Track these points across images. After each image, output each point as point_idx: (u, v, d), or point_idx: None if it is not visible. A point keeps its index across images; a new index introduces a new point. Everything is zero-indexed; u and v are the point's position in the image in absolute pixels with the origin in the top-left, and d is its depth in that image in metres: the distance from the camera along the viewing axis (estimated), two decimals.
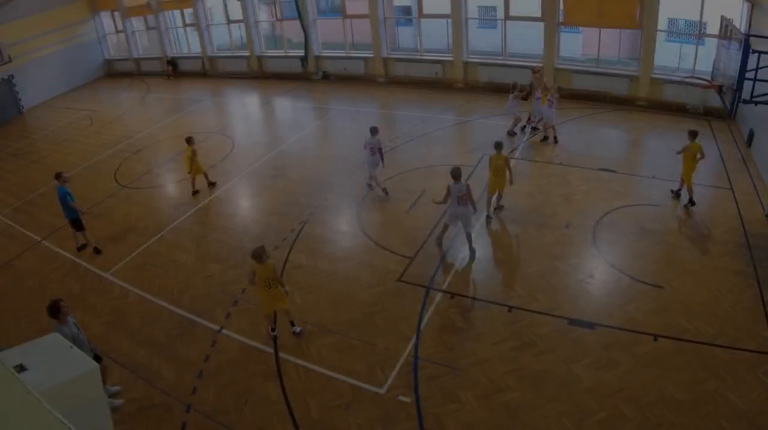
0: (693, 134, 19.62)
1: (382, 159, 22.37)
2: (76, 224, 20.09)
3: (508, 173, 19.60)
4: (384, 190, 22.41)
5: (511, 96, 26.10)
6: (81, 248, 20.50)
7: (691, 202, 20.03)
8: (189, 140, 23.81)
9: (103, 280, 18.63)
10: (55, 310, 12.41)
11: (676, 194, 20.69)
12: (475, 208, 17.95)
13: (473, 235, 18.17)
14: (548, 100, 25.63)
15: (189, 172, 24.01)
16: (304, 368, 14.07)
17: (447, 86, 36.92)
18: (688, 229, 18.90)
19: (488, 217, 20.23)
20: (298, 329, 15.35)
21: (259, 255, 14.24)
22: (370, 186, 22.80)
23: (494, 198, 20.39)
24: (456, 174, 17.15)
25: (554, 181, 22.33)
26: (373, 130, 22.06)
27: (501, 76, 34.42)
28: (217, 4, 45.08)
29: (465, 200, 17.24)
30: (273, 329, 15.36)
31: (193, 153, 23.66)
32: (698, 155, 19.58)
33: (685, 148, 19.75)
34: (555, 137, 26.15)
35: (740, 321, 14.52)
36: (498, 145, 19.64)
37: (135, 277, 18.54)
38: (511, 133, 27.09)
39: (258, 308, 15.62)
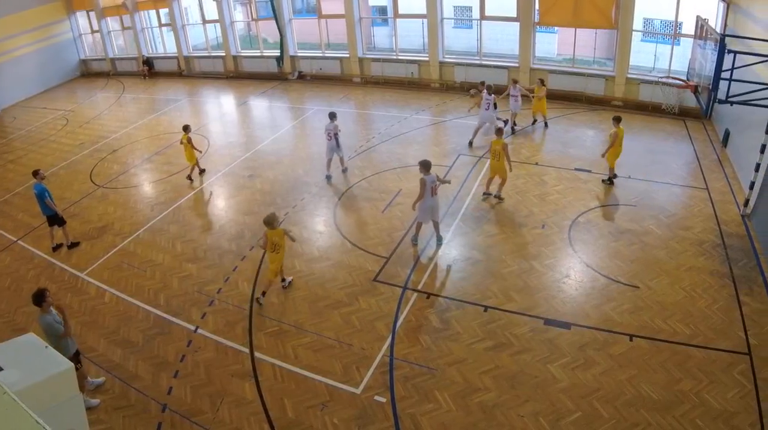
0: (617, 120, 20.81)
1: (338, 144, 23.09)
2: (53, 221, 20.08)
3: (506, 161, 20.24)
4: (327, 176, 23.52)
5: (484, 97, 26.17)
6: (56, 248, 20.38)
7: (611, 180, 21.52)
8: (186, 128, 24.33)
9: (79, 280, 18.48)
10: (39, 298, 12.33)
11: (610, 181, 21.61)
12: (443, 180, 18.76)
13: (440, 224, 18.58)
14: (512, 95, 27.18)
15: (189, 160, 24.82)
16: (280, 367, 14.02)
17: (423, 86, 37.14)
18: (664, 229, 18.93)
19: (485, 194, 21.30)
20: (288, 280, 16.97)
21: (270, 222, 16.01)
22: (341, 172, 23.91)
23: (496, 188, 21.10)
24: (428, 165, 17.39)
25: (530, 181, 22.38)
26: (331, 115, 23.04)
27: (477, 76, 34.51)
28: (193, 4, 45.04)
29: (436, 191, 17.54)
30: (264, 294, 16.37)
31: (188, 141, 24.06)
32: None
33: (612, 134, 20.76)
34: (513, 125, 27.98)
35: (716, 321, 14.60)
36: (498, 131, 20.53)
37: (111, 277, 18.44)
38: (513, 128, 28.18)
39: (268, 273, 16.71)
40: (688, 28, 26.61)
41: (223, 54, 43.62)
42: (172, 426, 12.61)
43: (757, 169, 18.50)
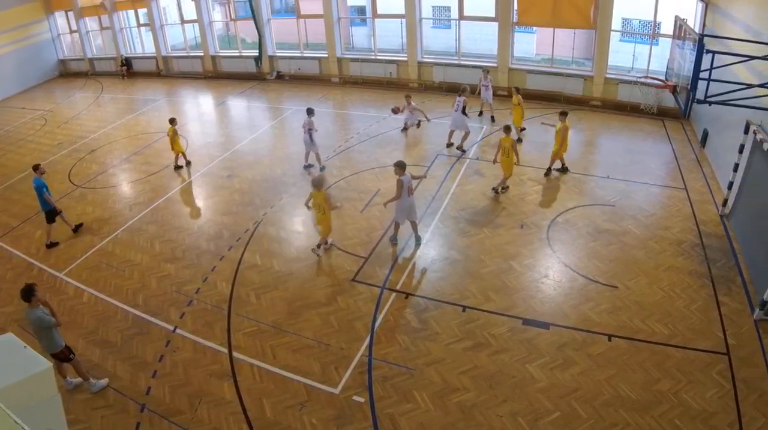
0: (564, 114, 21.46)
1: (311, 139, 23.48)
2: (50, 217, 20.16)
3: (514, 156, 20.67)
4: (306, 166, 24.29)
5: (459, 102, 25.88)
6: (50, 246, 20.41)
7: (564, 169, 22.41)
8: (172, 121, 25.13)
9: (57, 280, 18.34)
10: (29, 293, 12.31)
11: (563, 169, 22.42)
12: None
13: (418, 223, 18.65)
14: (482, 84, 28.49)
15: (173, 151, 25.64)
16: (258, 367, 13.96)
17: (401, 86, 37.12)
18: (642, 229, 18.99)
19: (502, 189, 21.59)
20: (329, 242, 18.76)
21: (317, 184, 17.44)
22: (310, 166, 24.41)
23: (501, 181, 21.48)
24: (403, 166, 17.48)
25: (509, 180, 22.29)
26: (308, 111, 23.48)
27: (455, 77, 34.84)
28: (172, 4, 44.90)
29: (412, 191, 17.65)
30: (319, 247, 18.21)
31: (174, 133, 24.65)
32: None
33: (561, 129, 21.29)
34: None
35: (694, 321, 14.66)
36: (507, 128, 20.79)
37: (89, 277, 18.31)
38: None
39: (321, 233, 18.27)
40: (667, 28, 26.70)
41: (202, 54, 43.55)
42: (151, 426, 12.53)
43: (735, 169, 18.58)
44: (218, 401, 13.09)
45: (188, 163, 26.24)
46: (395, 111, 27.69)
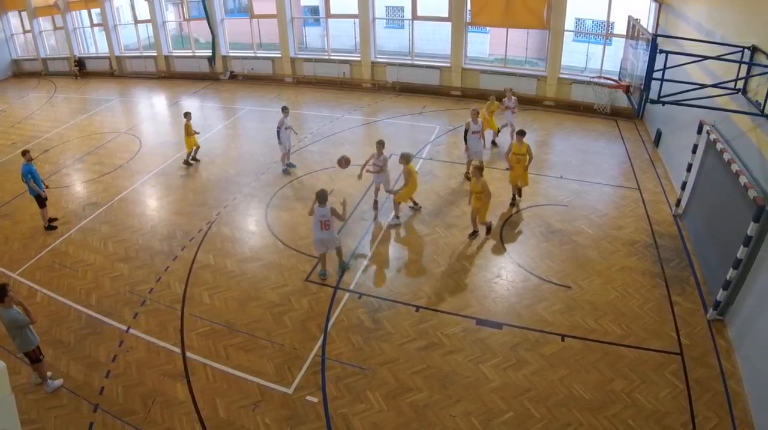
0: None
1: (278, 137, 23.39)
2: (40, 201, 20.50)
3: (527, 161, 19.99)
4: (288, 164, 24.10)
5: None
6: (50, 226, 21.00)
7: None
8: (186, 115, 25.18)
9: (10, 280, 18.03)
10: (2, 293, 12.25)
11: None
12: (342, 219, 17.37)
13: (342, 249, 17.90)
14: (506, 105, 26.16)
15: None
16: (212, 367, 13.90)
17: (355, 86, 37.35)
18: (595, 229, 19.13)
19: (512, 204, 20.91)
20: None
21: (408, 158, 18.95)
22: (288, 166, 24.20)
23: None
24: (323, 197, 16.15)
25: (462, 181, 22.45)
26: (282, 109, 23.55)
27: (408, 77, 35.01)
28: (125, 4, 44.66)
29: (327, 225, 16.30)
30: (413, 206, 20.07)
31: (186, 127, 24.69)
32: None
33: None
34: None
35: (648, 321, 14.80)
36: (521, 133, 19.93)
37: (43, 277, 18.11)
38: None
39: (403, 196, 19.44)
40: (620, 28, 27.00)
41: (155, 54, 43.30)
42: (104, 426, 12.44)
43: (688, 170, 18.74)
44: (171, 401, 13.00)
45: (189, 161, 26.24)
46: (342, 164, 20.20)
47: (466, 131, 22.25)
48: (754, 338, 12.86)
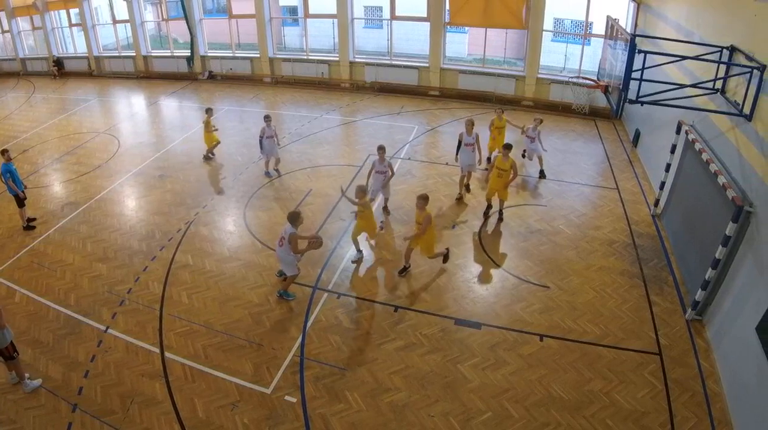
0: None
1: (260, 146, 23.42)
2: (18, 201, 20.41)
3: (510, 178, 19.07)
4: (274, 172, 23.84)
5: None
6: (28, 226, 20.80)
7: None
8: (207, 111, 25.77)
9: None
10: None
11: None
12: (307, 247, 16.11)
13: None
14: (528, 135, 23.10)
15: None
16: (190, 367, 13.83)
17: (333, 86, 37.43)
18: (574, 229, 19.19)
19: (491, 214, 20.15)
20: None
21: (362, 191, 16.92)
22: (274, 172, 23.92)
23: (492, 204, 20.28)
24: (294, 218, 15.28)
25: (440, 181, 22.54)
26: (264, 118, 23.38)
27: (387, 76, 35.17)
28: (103, 4, 44.38)
29: (282, 243, 15.64)
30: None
31: (206, 124, 24.84)
32: None
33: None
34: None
35: (626, 321, 14.85)
36: (507, 147, 19.09)
37: (22, 277, 17.95)
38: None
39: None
40: (599, 28, 27.05)
41: (134, 54, 43.15)
42: (83, 426, 12.35)
43: (667, 170, 18.80)
44: (150, 401, 12.92)
45: (209, 155, 26.39)
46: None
47: (459, 143, 21.21)
48: (732, 338, 12.91)
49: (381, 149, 19.45)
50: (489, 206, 20.17)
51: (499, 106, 23.23)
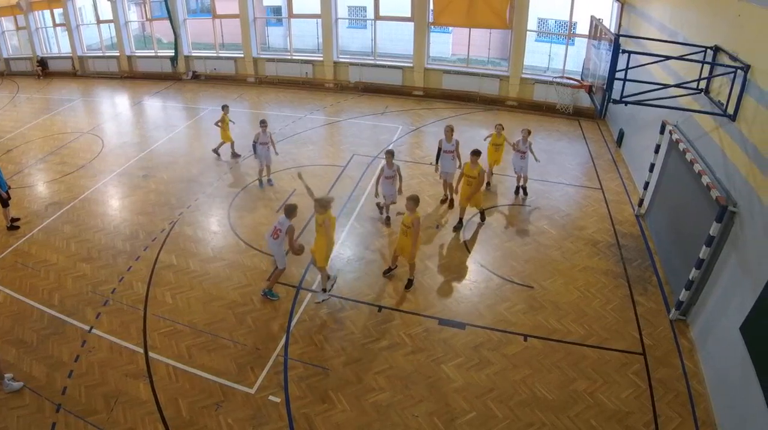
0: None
1: (254, 151, 22.98)
2: (2, 201, 20.30)
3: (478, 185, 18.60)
4: (267, 179, 23.27)
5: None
6: (12, 226, 20.70)
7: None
8: (223, 108, 25.66)
9: None
10: None
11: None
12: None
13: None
14: (519, 150, 21.27)
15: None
16: (174, 367, 13.80)
17: (317, 86, 37.43)
18: (558, 229, 19.24)
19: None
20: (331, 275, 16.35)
21: (324, 204, 15.26)
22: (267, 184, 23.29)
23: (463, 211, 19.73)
24: (291, 210, 15.47)
25: (425, 181, 22.57)
26: (260, 123, 22.90)
27: (371, 77, 35.30)
28: (87, 4, 44.20)
29: (277, 234, 15.55)
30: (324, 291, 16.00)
31: (224, 121, 25.38)
32: None
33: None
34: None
35: (610, 321, 14.90)
36: (475, 153, 18.49)
37: (5, 277, 17.87)
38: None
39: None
40: (583, 28, 27.18)
41: (118, 54, 42.95)
42: (67, 426, 12.31)
43: (651, 169, 18.86)
44: (134, 401, 12.89)
45: (236, 152, 26.31)
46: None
47: (438, 150, 20.54)
48: (716, 338, 12.95)
49: (389, 154, 19.01)
50: (460, 220, 19.54)
51: (500, 123, 21.99)
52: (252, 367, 13.71)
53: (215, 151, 26.17)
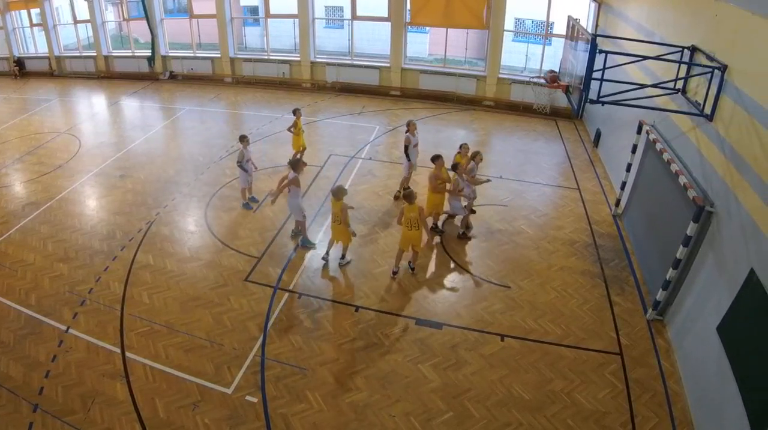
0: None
1: (243, 170, 21.57)
2: None
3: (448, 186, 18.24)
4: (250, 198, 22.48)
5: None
6: None
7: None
8: (295, 112, 24.31)
9: None
10: None
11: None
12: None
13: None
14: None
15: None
16: (151, 367, 13.73)
17: (294, 86, 37.45)
18: (535, 229, 19.27)
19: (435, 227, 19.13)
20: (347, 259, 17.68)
21: (337, 193, 16.48)
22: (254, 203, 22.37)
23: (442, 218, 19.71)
24: (295, 164, 16.67)
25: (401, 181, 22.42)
26: (239, 139, 21.38)
27: (348, 76, 35.32)
28: (64, 4, 43.87)
29: (290, 189, 16.80)
30: (343, 257, 17.56)
31: (297, 127, 24.35)
32: None
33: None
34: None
35: (587, 321, 14.94)
36: (436, 158, 18.23)
37: None
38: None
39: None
40: (560, 28, 27.20)
41: (95, 54, 42.67)
42: (44, 426, 12.25)
43: (628, 169, 18.92)
44: (111, 401, 12.83)
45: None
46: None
47: (406, 147, 20.49)
48: (693, 338, 13.01)
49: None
50: (435, 224, 19.37)
51: (465, 142, 20.38)
52: (229, 367, 13.66)
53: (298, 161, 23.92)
